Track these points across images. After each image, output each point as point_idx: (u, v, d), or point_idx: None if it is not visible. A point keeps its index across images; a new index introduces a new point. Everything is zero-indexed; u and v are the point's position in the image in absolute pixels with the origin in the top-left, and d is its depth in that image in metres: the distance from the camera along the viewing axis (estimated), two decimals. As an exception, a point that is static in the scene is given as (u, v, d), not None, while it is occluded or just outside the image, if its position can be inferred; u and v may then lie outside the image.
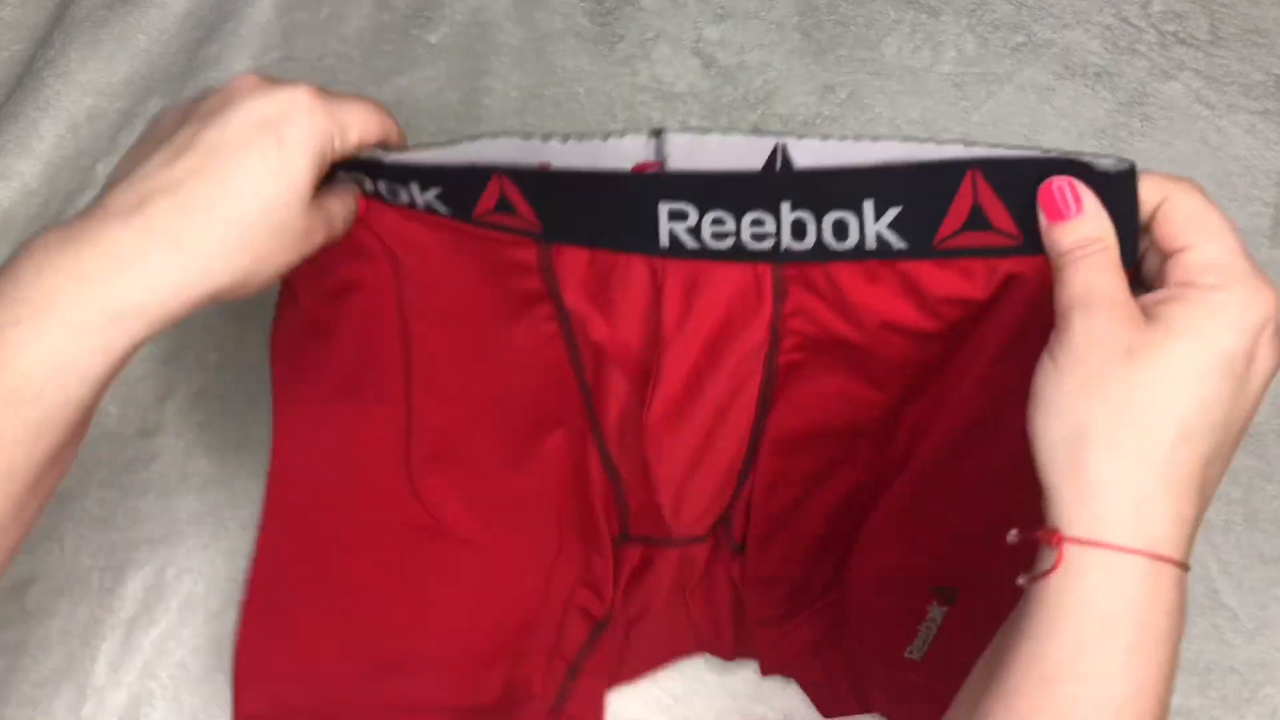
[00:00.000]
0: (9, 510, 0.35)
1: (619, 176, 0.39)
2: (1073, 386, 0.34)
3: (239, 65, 0.75)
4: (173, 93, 0.74)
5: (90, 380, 0.35)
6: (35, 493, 0.36)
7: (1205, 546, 0.62)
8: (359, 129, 0.40)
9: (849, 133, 0.37)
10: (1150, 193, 0.36)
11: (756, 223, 0.39)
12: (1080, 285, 0.35)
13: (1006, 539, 0.36)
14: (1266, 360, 0.34)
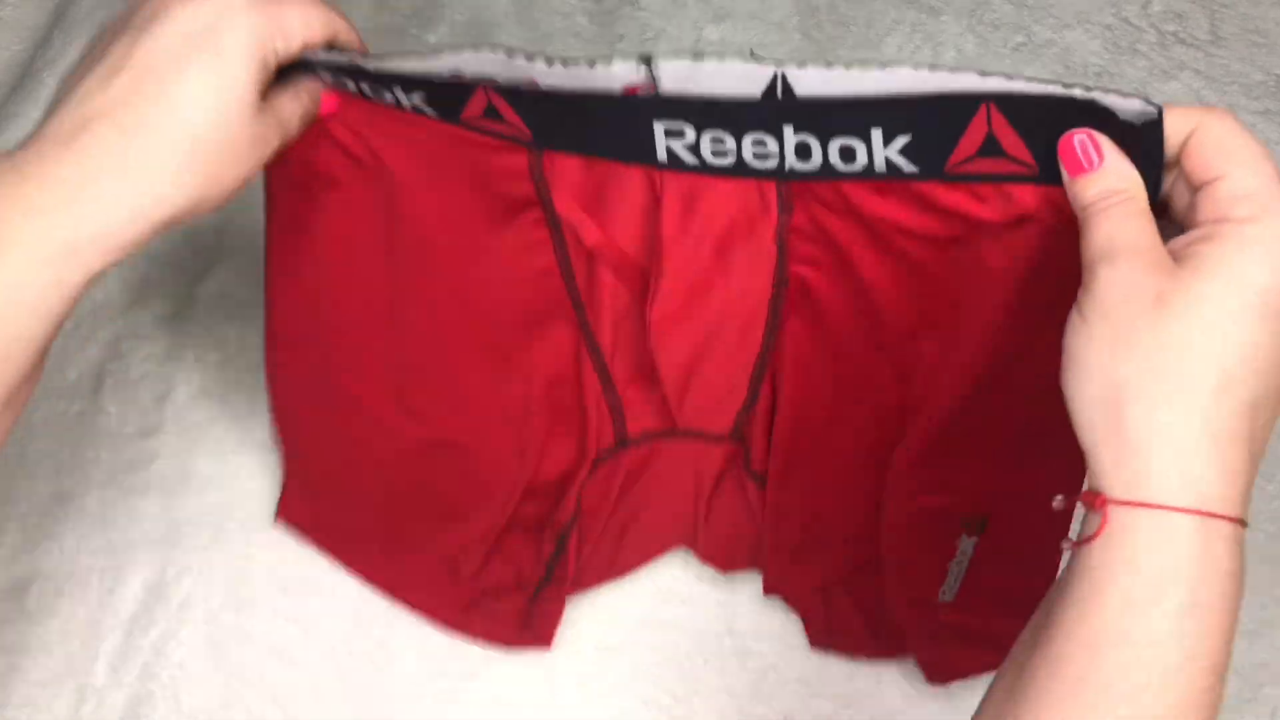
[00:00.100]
0: None
1: (611, 97, 0.37)
2: (1103, 342, 0.32)
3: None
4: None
5: (45, 315, 0.34)
6: None
7: (1205, 546, 0.62)
8: (302, 28, 0.38)
9: (855, 60, 0.35)
10: (1178, 124, 0.34)
11: (758, 143, 0.37)
12: (1104, 237, 0.33)
13: (1041, 470, 0.34)
14: None
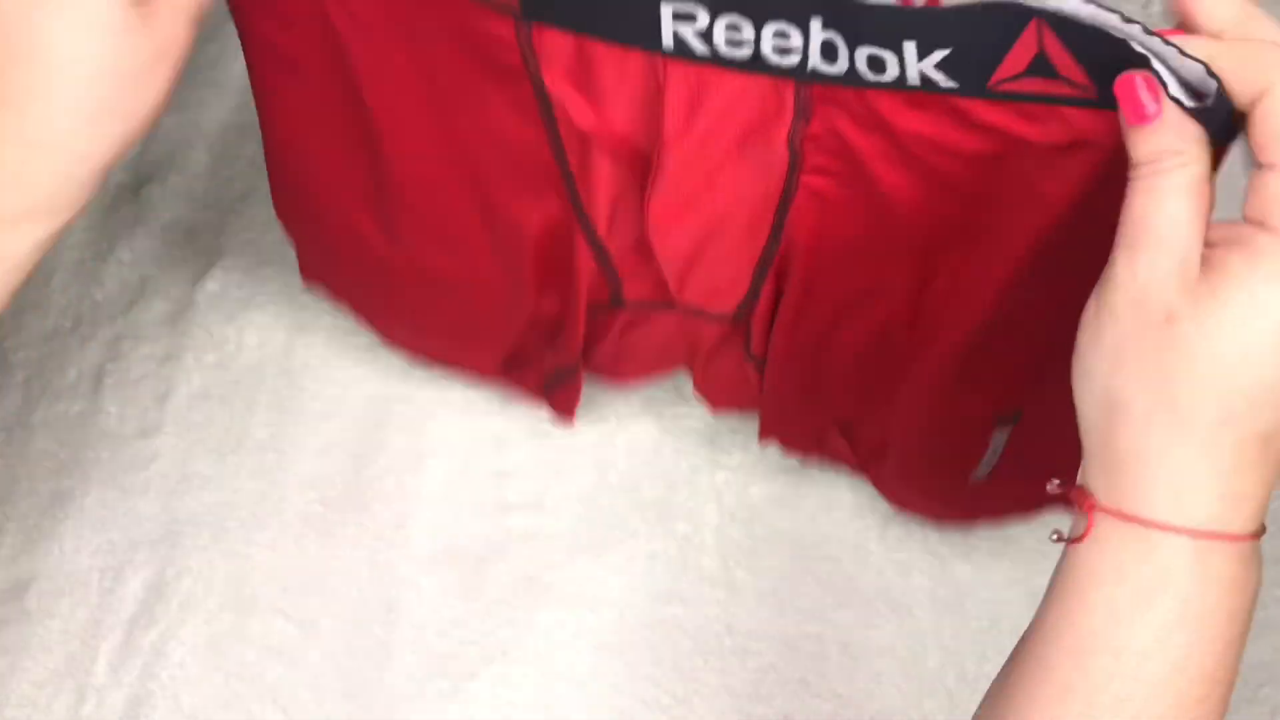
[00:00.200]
0: None
1: None
2: (1108, 347, 0.30)
3: (239, 66, 0.74)
4: (173, 92, 0.74)
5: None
6: None
7: (1205, 546, 0.62)
8: None
9: None
10: (1249, 78, 0.29)
11: (780, 34, 0.33)
12: (1138, 213, 0.30)
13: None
14: None
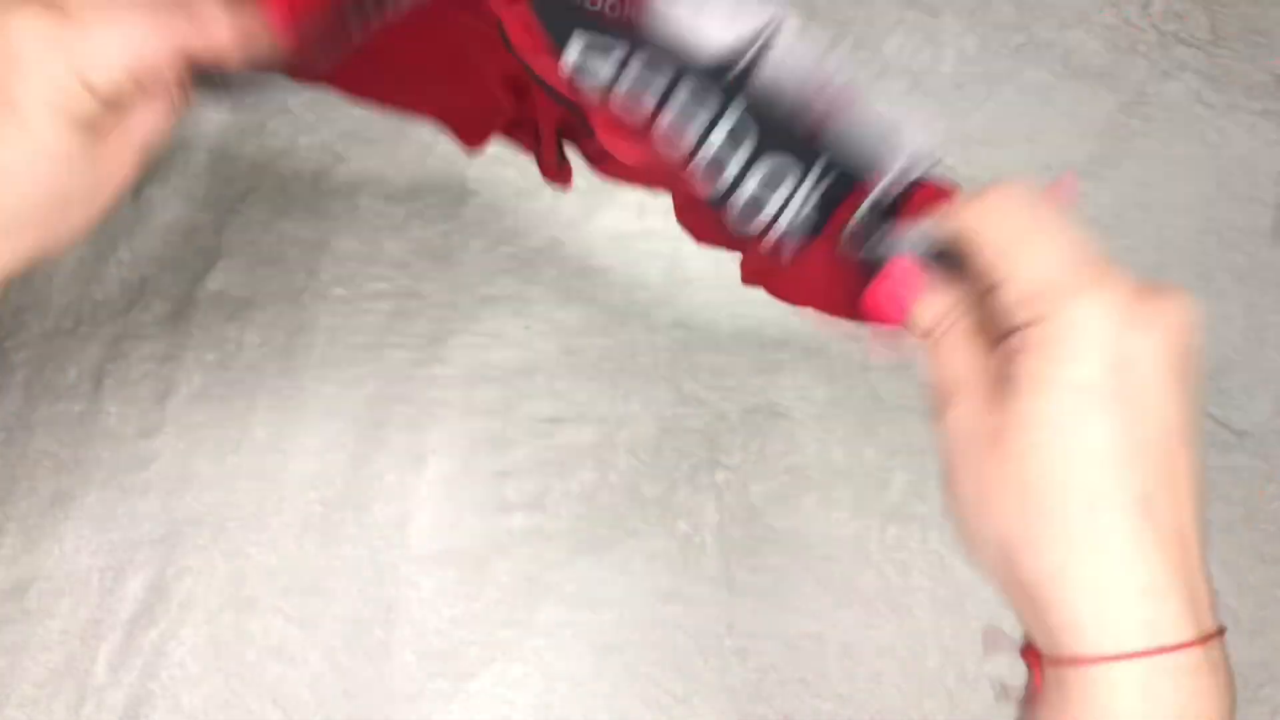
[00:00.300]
0: None
1: None
2: (964, 490, 0.30)
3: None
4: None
5: None
6: None
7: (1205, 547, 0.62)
8: (120, 55, 0.31)
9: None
10: (951, 224, 0.30)
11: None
12: (939, 380, 0.31)
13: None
14: (1150, 350, 0.27)
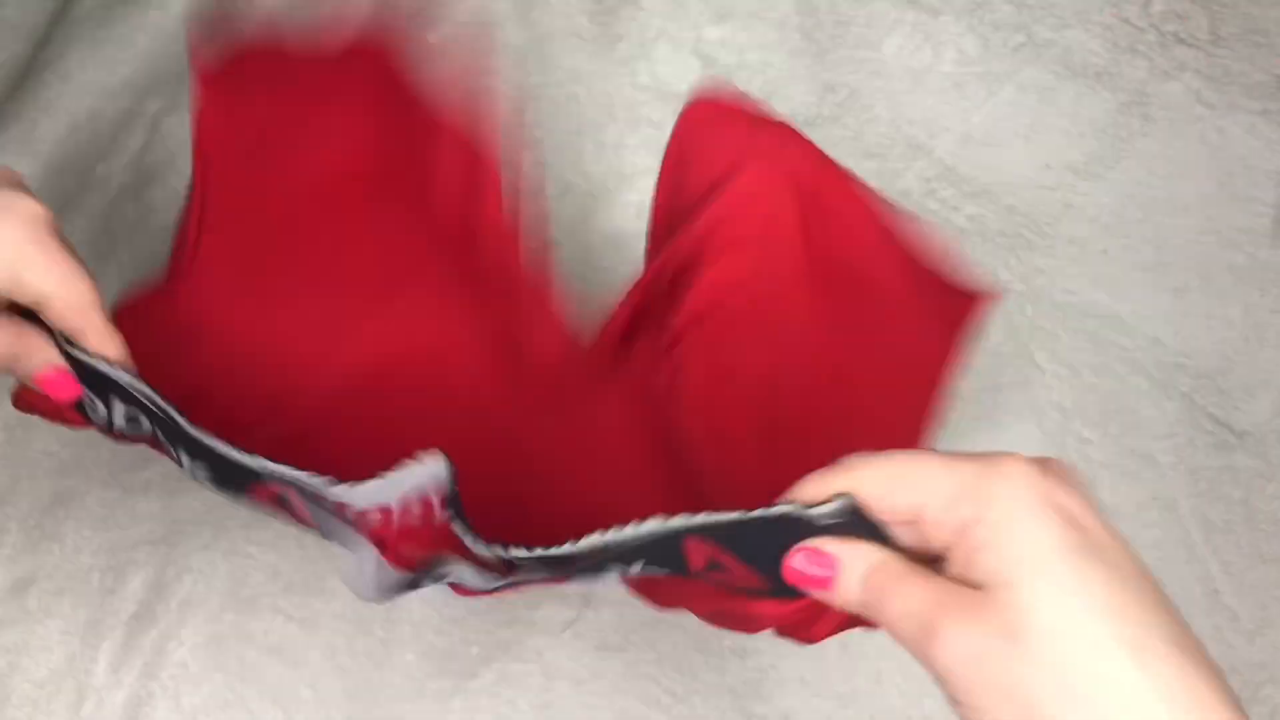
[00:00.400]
0: None
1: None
2: (991, 702, 0.29)
3: (239, 65, 0.75)
4: (173, 93, 0.73)
5: None
6: None
7: (1205, 546, 0.62)
8: None
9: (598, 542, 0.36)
10: (829, 490, 0.33)
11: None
12: (905, 620, 0.31)
13: None
14: (1076, 503, 0.30)
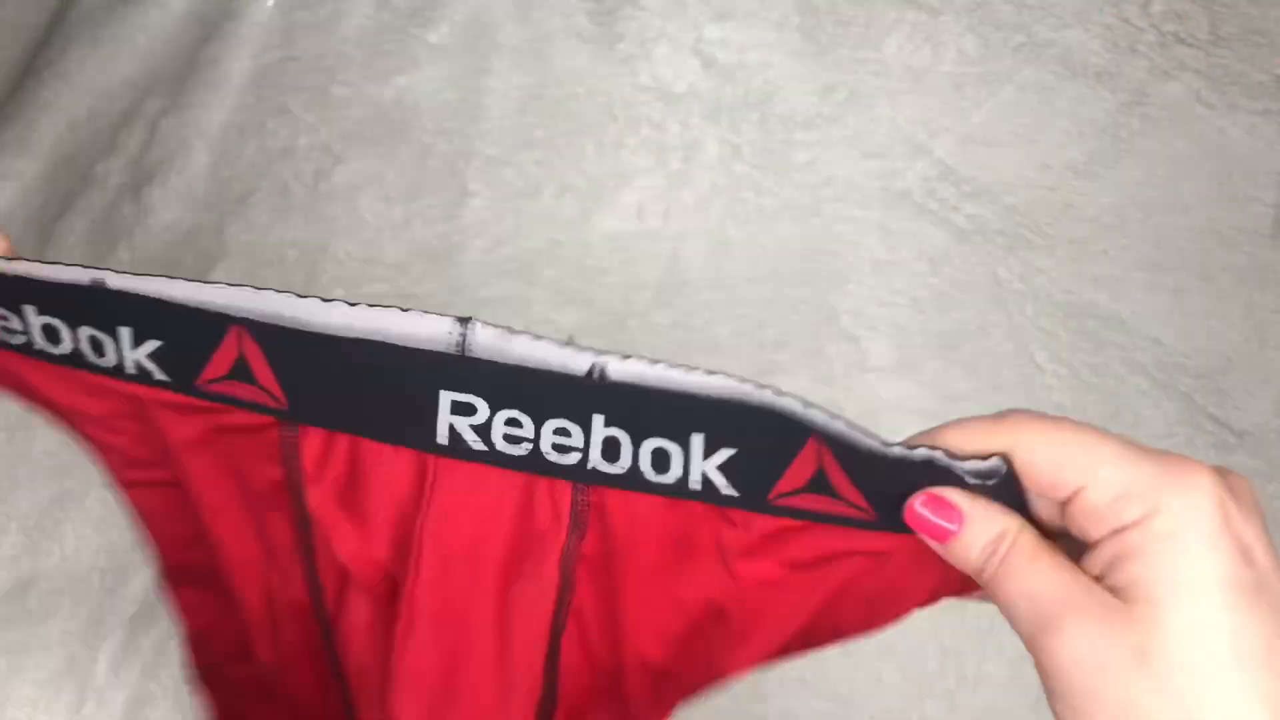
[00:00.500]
0: None
1: (392, 349, 0.31)
2: (1101, 714, 0.26)
3: (239, 65, 0.75)
4: (172, 93, 0.74)
5: None
6: None
7: (1205, 546, 0.62)
8: None
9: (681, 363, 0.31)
10: (989, 445, 0.29)
11: (561, 432, 0.31)
12: (1024, 600, 0.28)
13: None
14: (1253, 533, 0.27)
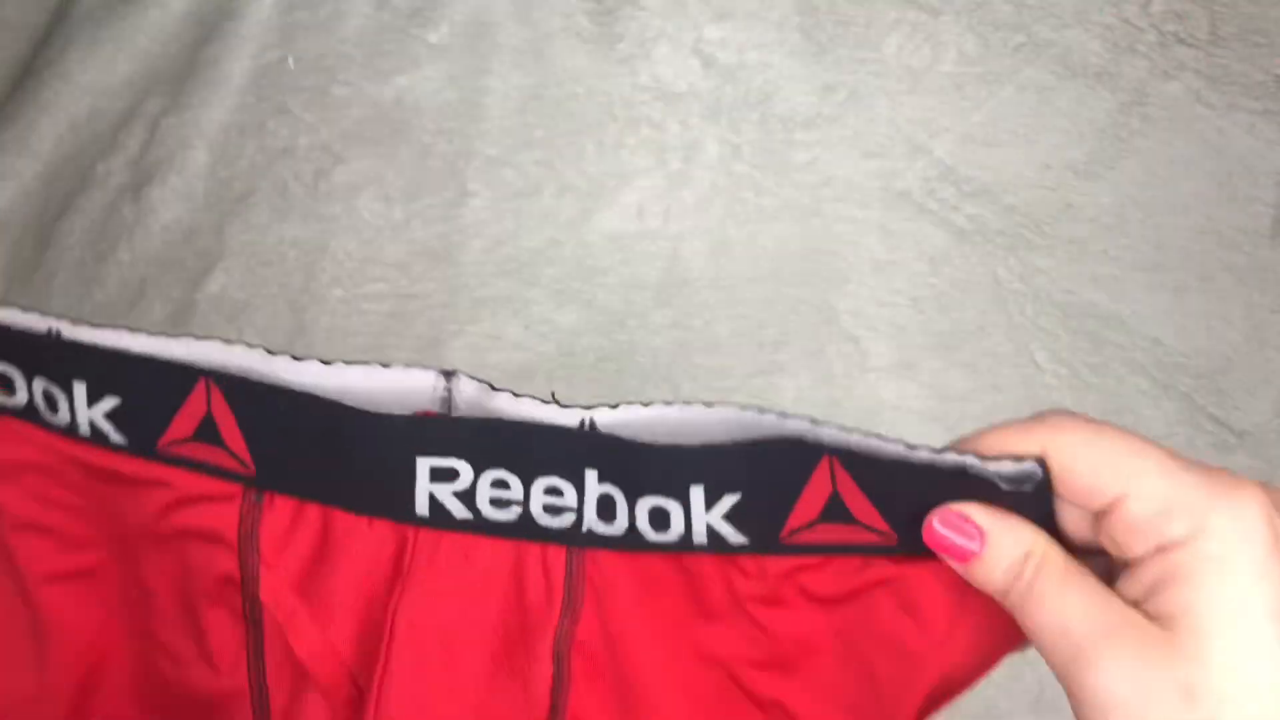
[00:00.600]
0: None
1: (359, 415, 0.28)
2: None
3: (239, 65, 0.75)
4: (173, 93, 0.74)
5: None
6: None
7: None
8: None
9: (687, 407, 0.29)
10: (1025, 447, 0.27)
11: (552, 491, 0.29)
12: (1057, 631, 0.26)
13: None
14: None
